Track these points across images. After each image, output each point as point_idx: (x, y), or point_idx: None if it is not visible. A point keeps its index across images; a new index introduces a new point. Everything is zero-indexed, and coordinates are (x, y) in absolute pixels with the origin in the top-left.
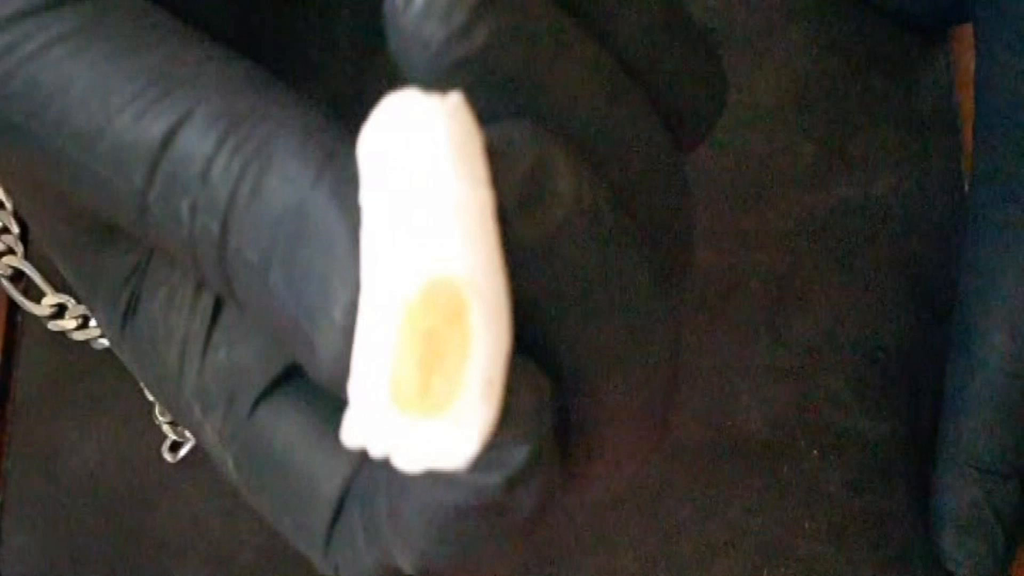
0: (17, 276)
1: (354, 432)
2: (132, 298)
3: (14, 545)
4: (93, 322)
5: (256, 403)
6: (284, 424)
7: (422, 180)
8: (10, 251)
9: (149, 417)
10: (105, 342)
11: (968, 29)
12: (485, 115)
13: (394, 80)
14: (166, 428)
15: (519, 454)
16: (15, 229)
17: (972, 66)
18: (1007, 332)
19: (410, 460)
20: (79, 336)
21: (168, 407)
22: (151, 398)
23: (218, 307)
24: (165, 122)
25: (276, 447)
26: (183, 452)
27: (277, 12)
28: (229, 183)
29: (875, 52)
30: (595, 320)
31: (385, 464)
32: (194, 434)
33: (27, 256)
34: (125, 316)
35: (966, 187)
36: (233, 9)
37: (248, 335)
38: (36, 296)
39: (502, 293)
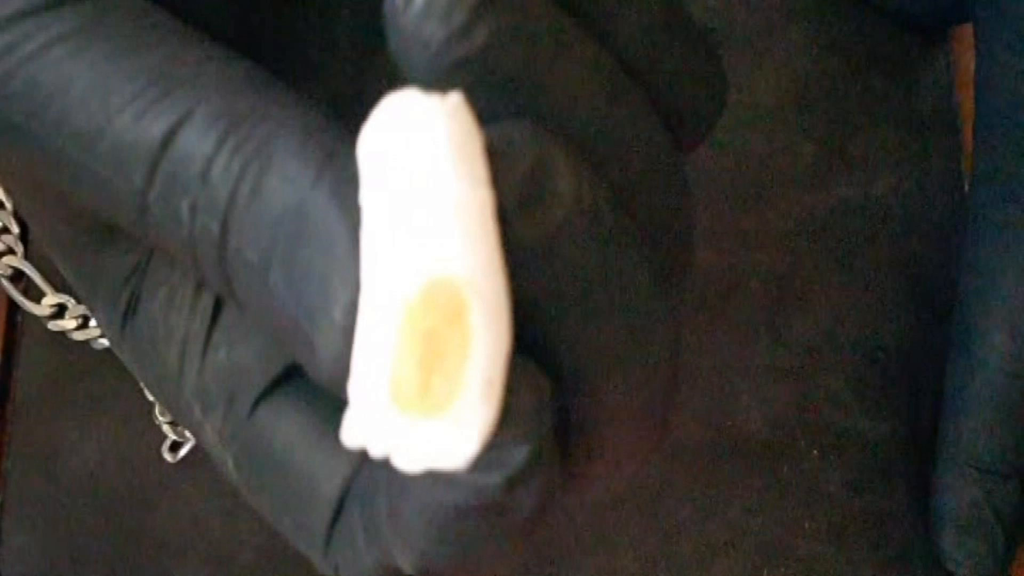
0: (17, 276)
1: (354, 432)
2: (132, 298)
3: (14, 545)
4: (93, 322)
5: (256, 403)
6: (284, 424)
7: (422, 180)
8: (10, 251)
9: (149, 417)
10: (105, 342)
11: (968, 29)
12: (485, 115)
13: (394, 80)
14: (166, 428)
15: (519, 454)
16: (15, 229)
17: (972, 66)
18: (1007, 332)
19: (410, 460)
20: (79, 336)
21: (168, 407)
22: (151, 398)
23: (218, 307)
24: (165, 122)
25: (276, 447)
26: (183, 452)
27: (277, 12)
28: (229, 183)
29: (875, 52)
30: (595, 320)
31: (385, 464)
32: (194, 434)
33: (27, 256)
34: (125, 316)
35: (966, 187)
36: (233, 9)
37: (248, 335)
38: (36, 296)
39: (502, 293)
